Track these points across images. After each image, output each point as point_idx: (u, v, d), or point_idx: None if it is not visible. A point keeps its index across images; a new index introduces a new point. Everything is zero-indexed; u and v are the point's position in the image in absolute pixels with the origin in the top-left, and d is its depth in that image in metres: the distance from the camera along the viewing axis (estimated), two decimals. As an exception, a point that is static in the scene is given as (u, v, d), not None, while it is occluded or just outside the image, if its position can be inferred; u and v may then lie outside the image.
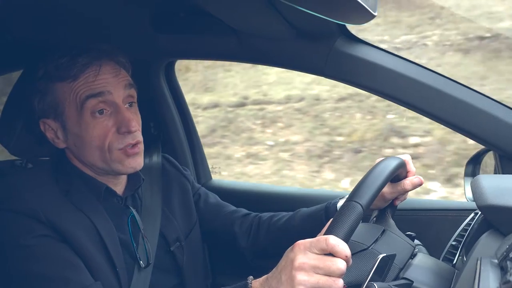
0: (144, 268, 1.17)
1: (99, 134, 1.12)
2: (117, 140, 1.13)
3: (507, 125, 1.24)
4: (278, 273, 0.86)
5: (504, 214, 0.88)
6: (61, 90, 1.13)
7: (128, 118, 1.13)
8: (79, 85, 1.11)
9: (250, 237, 1.36)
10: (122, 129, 1.13)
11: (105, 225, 1.13)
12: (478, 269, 0.69)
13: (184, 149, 1.84)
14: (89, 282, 1.03)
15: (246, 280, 0.90)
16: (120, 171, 1.16)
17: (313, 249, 0.83)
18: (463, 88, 1.30)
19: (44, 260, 1.03)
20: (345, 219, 0.86)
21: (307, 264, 0.82)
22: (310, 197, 1.74)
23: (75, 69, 1.11)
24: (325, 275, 0.81)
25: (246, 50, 1.45)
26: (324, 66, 1.36)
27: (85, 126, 1.12)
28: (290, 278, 0.83)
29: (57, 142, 1.17)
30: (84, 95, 1.11)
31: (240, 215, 1.40)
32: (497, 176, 1.25)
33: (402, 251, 1.01)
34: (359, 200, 0.89)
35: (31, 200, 1.07)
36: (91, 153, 1.14)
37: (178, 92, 1.84)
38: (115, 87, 1.14)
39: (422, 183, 1.17)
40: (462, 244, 1.14)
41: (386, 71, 1.31)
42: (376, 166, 1.00)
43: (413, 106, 1.32)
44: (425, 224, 1.48)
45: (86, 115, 1.11)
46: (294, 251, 0.85)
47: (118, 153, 1.14)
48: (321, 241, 0.83)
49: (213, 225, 1.40)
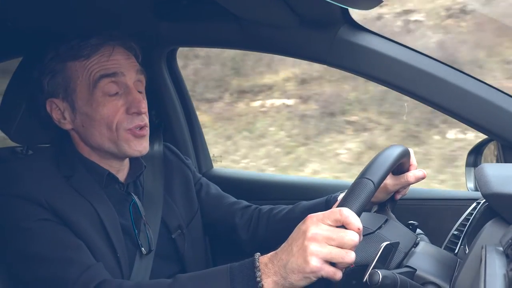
0: (146, 255, 1.17)
1: (109, 113, 1.13)
2: (126, 120, 1.14)
3: (510, 115, 1.24)
4: (289, 246, 0.86)
5: (509, 202, 0.88)
6: (73, 68, 1.14)
7: (138, 99, 1.15)
8: (93, 64, 1.13)
9: (250, 229, 1.36)
10: (132, 110, 1.14)
11: (107, 211, 1.13)
12: (484, 257, 0.68)
13: (185, 138, 1.84)
14: (92, 262, 1.03)
15: (253, 256, 0.90)
16: (126, 152, 1.16)
17: (326, 221, 0.84)
18: (467, 77, 1.30)
19: (45, 242, 1.03)
20: (357, 194, 0.88)
21: (320, 235, 0.82)
22: (311, 186, 1.74)
23: (88, 48, 1.13)
24: (337, 246, 0.82)
25: (249, 37, 1.45)
26: (327, 54, 1.36)
27: (95, 105, 1.13)
28: (302, 249, 0.83)
29: (63, 123, 1.17)
30: (98, 74, 1.13)
31: (240, 207, 1.40)
32: (501, 165, 1.25)
33: (405, 239, 1.01)
34: (371, 177, 0.91)
35: (32, 185, 1.07)
36: (99, 133, 1.14)
37: (180, 80, 1.83)
38: (127, 69, 1.16)
39: (425, 177, 1.18)
40: (464, 233, 1.14)
41: (390, 60, 1.31)
42: (385, 149, 1.02)
43: (415, 95, 1.32)
44: (427, 213, 1.48)
45: (97, 94, 1.13)
46: (307, 223, 0.85)
47: (125, 133, 1.15)
48: (335, 212, 0.84)
49: (214, 216, 1.40)
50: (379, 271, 0.80)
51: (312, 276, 0.83)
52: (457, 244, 1.14)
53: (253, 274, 0.88)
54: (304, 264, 0.82)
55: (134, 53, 1.21)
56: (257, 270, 0.87)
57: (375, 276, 0.80)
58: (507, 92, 1.29)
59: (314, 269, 0.82)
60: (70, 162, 1.16)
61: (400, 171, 1.19)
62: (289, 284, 0.85)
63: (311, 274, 0.83)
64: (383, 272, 0.80)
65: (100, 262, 1.05)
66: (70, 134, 1.19)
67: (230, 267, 0.91)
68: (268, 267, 0.87)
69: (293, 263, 0.84)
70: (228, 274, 0.90)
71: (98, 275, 1.01)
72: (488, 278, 0.59)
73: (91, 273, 1.00)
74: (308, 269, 0.82)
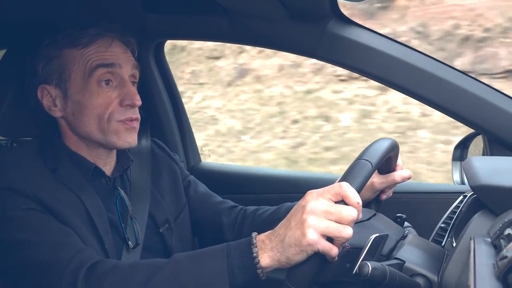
0: (133, 248, 1.16)
1: (102, 103, 1.13)
2: (118, 112, 1.14)
3: (497, 109, 1.25)
4: (287, 221, 0.87)
5: (496, 193, 0.89)
6: (70, 55, 1.14)
7: (133, 92, 1.15)
8: (91, 53, 1.13)
9: (235, 229, 1.36)
10: (125, 102, 1.14)
11: (94, 204, 1.12)
12: (473, 248, 0.69)
13: (173, 132, 1.83)
14: (83, 246, 1.02)
15: (250, 236, 0.91)
16: (115, 144, 1.16)
17: (326, 195, 0.85)
18: (454, 71, 1.31)
19: (34, 228, 1.02)
20: (356, 173, 0.90)
21: (319, 209, 0.83)
22: (299, 179, 1.74)
23: (87, 37, 1.13)
24: (335, 221, 0.83)
25: (238, 31, 1.44)
26: (316, 48, 1.35)
27: (89, 94, 1.12)
28: (300, 222, 0.84)
29: (54, 110, 1.16)
30: (95, 63, 1.12)
31: (227, 206, 1.40)
32: (488, 158, 1.26)
33: (394, 231, 1.02)
34: (369, 159, 0.93)
35: (18, 177, 1.05)
36: (89, 122, 1.13)
37: (168, 73, 1.82)
38: (124, 62, 1.17)
39: (411, 177, 1.21)
40: (451, 226, 1.16)
41: (378, 54, 1.31)
42: (377, 140, 1.04)
43: (403, 88, 1.33)
44: (415, 206, 1.50)
45: (92, 83, 1.12)
46: (306, 198, 0.86)
47: (116, 124, 1.14)
48: (335, 186, 0.85)
49: (201, 214, 1.40)
50: (368, 263, 0.81)
51: (308, 249, 0.83)
52: (444, 236, 1.15)
53: (250, 250, 0.88)
54: (302, 237, 0.83)
55: (131, 48, 1.22)
56: (254, 247, 0.88)
57: (365, 268, 0.81)
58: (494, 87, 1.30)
59: (311, 242, 0.82)
60: (56, 155, 1.15)
61: (387, 169, 1.21)
62: (285, 258, 0.85)
63: (308, 247, 0.83)
64: (372, 264, 0.81)
65: (90, 247, 1.04)
66: (59, 122, 1.18)
67: (227, 245, 0.91)
68: (265, 244, 0.88)
69: (290, 237, 0.84)
70: (225, 252, 0.90)
71: (92, 257, 1.00)
72: (477, 268, 0.60)
73: (84, 255, 0.99)
74: (305, 241, 0.83)
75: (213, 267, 0.89)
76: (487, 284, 0.54)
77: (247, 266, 0.88)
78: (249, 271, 0.88)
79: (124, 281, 0.93)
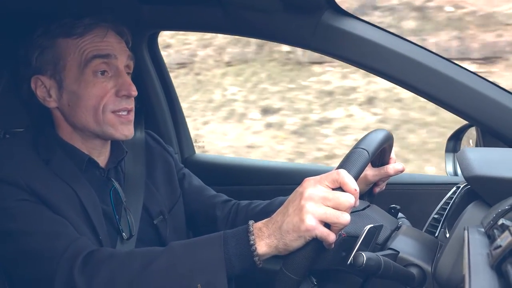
0: (127, 240, 1.16)
1: (97, 93, 1.12)
2: (113, 103, 1.14)
3: (491, 101, 1.25)
4: (285, 208, 0.87)
5: (490, 184, 0.89)
6: (64, 45, 1.13)
7: (129, 82, 1.16)
8: (86, 43, 1.13)
9: (228, 223, 1.36)
10: (121, 92, 1.14)
11: (88, 195, 1.11)
12: (467, 238, 0.70)
13: (167, 123, 1.82)
14: (78, 236, 1.02)
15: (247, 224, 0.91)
16: (112, 135, 1.15)
17: (324, 182, 0.85)
18: (449, 63, 1.31)
19: (27, 218, 1.01)
20: (353, 161, 0.91)
21: (316, 195, 0.84)
22: (294, 171, 1.75)
23: (81, 27, 1.13)
24: (333, 207, 0.83)
25: (232, 22, 1.43)
26: (311, 39, 1.35)
27: (84, 84, 1.12)
28: (298, 208, 0.84)
29: (48, 101, 1.15)
30: (90, 54, 1.12)
31: (221, 200, 1.40)
32: (482, 149, 1.27)
33: (388, 222, 1.03)
34: (365, 147, 0.94)
35: (10, 168, 1.05)
36: (84, 113, 1.13)
37: (162, 64, 1.80)
38: (119, 53, 1.17)
39: (404, 170, 1.22)
40: (444, 217, 1.16)
41: (373, 45, 1.31)
42: (372, 131, 1.05)
43: (398, 80, 1.33)
44: (408, 197, 1.51)
45: (87, 73, 1.12)
46: (304, 185, 0.87)
47: (111, 116, 1.14)
48: (332, 173, 0.86)
49: (195, 207, 1.40)
50: (363, 253, 0.81)
51: (306, 235, 0.84)
52: (437, 227, 1.16)
53: (246, 238, 0.88)
54: (300, 223, 0.83)
55: (125, 38, 1.22)
56: (251, 235, 0.88)
57: (360, 258, 0.81)
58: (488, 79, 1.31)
59: (309, 227, 0.83)
60: (49, 146, 1.14)
61: (380, 162, 1.21)
62: (283, 245, 0.85)
63: (306, 232, 0.83)
64: (367, 255, 0.82)
65: (85, 236, 1.04)
66: (53, 113, 1.17)
67: (223, 233, 0.91)
68: (262, 231, 0.88)
69: (288, 223, 0.85)
70: (221, 239, 0.90)
71: (87, 245, 1.00)
72: (472, 257, 0.60)
73: (80, 244, 0.99)
74: (303, 227, 0.83)
75: (210, 255, 0.89)
76: (482, 273, 0.55)
77: (244, 254, 0.88)
78: (246, 258, 0.88)
79: (120, 269, 0.92)
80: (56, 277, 0.94)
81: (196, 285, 0.87)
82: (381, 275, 0.83)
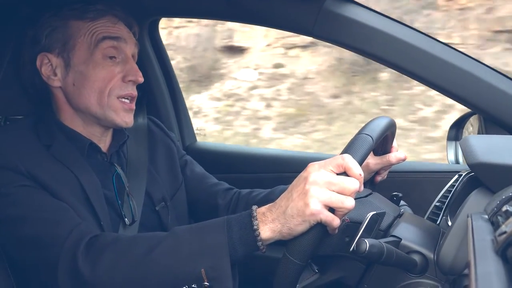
0: (129, 225, 1.16)
1: (105, 76, 1.13)
2: (119, 87, 1.15)
3: (494, 88, 1.25)
4: (289, 193, 0.87)
5: (494, 171, 0.89)
6: (75, 27, 1.14)
7: (136, 68, 1.17)
8: (98, 26, 1.15)
9: (229, 211, 1.36)
10: (128, 78, 1.15)
11: (90, 180, 1.11)
12: (471, 224, 0.70)
13: (168, 111, 1.81)
14: (79, 221, 1.02)
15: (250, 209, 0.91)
16: (113, 120, 1.16)
17: (328, 167, 0.85)
18: (451, 50, 1.30)
19: (28, 204, 1.01)
20: (357, 146, 0.90)
21: (321, 180, 0.84)
22: (295, 159, 1.74)
23: (94, 12, 1.15)
24: (338, 192, 0.83)
25: (234, 8, 1.42)
26: (313, 27, 1.34)
27: (93, 65, 1.13)
28: (303, 192, 0.84)
29: (52, 79, 1.15)
30: (101, 35, 1.14)
31: (223, 188, 1.40)
32: (485, 136, 1.27)
33: (390, 209, 1.03)
34: (369, 133, 0.93)
35: (10, 154, 1.05)
36: (89, 94, 1.13)
37: (163, 52, 1.79)
38: (129, 40, 1.19)
39: (406, 159, 1.22)
40: (446, 204, 1.16)
41: (376, 32, 1.29)
42: (375, 117, 1.04)
43: (399, 67, 1.32)
44: (410, 185, 1.51)
45: (97, 55, 1.13)
46: (308, 170, 0.87)
47: (116, 101, 1.15)
48: (337, 157, 0.86)
49: (197, 194, 1.40)
50: (366, 240, 0.81)
51: (311, 219, 0.84)
52: (439, 215, 1.16)
53: (250, 223, 0.88)
54: (304, 207, 0.83)
55: (133, 30, 1.24)
56: (254, 219, 0.88)
57: (362, 245, 0.81)
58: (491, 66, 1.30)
59: (314, 211, 0.83)
60: (50, 131, 1.14)
61: (382, 150, 1.21)
62: (287, 229, 0.85)
63: (311, 217, 0.83)
64: (370, 241, 0.82)
65: (87, 222, 1.04)
66: (55, 95, 1.17)
67: (227, 218, 0.91)
68: (266, 216, 0.88)
69: (293, 208, 0.85)
70: (225, 224, 0.90)
71: (90, 230, 0.99)
72: (476, 243, 0.60)
73: (83, 228, 0.99)
74: (308, 211, 0.83)
75: (213, 240, 0.89)
76: (487, 259, 0.54)
77: (248, 239, 0.88)
78: (250, 243, 0.88)
79: (124, 253, 0.93)
80: (59, 262, 0.94)
81: (200, 270, 0.87)
82: (384, 262, 0.84)
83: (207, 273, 0.87)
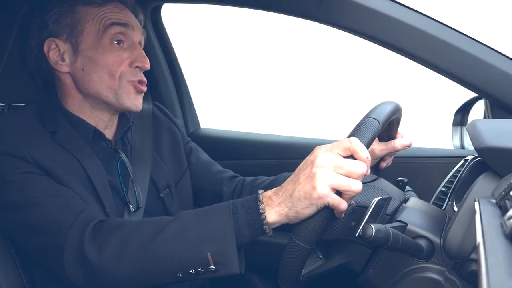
0: (134, 212, 1.16)
1: (114, 60, 1.14)
2: (129, 72, 1.15)
3: (500, 72, 1.23)
4: (295, 176, 0.87)
5: (501, 155, 0.88)
6: (83, 12, 1.14)
7: (143, 55, 1.18)
8: (106, 12, 1.15)
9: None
10: (136, 64, 1.16)
11: (94, 166, 1.11)
12: (478, 208, 0.69)
13: (171, 97, 1.81)
14: (85, 206, 1.02)
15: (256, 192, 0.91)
16: (124, 103, 1.16)
17: (335, 150, 0.85)
18: (457, 34, 1.28)
19: (33, 190, 1.01)
20: (364, 130, 0.90)
21: (328, 163, 0.83)
22: (300, 145, 1.74)
23: None
24: (345, 175, 0.83)
25: (236, -7, 1.41)
26: (317, 11, 1.32)
27: (102, 50, 1.13)
28: (310, 176, 0.84)
29: (60, 64, 1.15)
30: (109, 21, 1.14)
31: (228, 176, 1.40)
32: (493, 120, 1.26)
33: (396, 195, 1.03)
34: (376, 117, 0.93)
35: (15, 141, 1.05)
36: (99, 79, 1.13)
37: (165, 38, 1.78)
38: (135, 27, 1.19)
39: (411, 145, 1.21)
40: (452, 189, 1.16)
41: (380, 16, 1.28)
42: (383, 101, 1.04)
43: (404, 51, 1.30)
44: (415, 171, 1.50)
45: (105, 40, 1.13)
46: (315, 153, 0.86)
47: (127, 85, 1.15)
48: (344, 141, 0.85)
49: (202, 182, 1.40)
50: (372, 225, 0.81)
51: (318, 202, 0.83)
52: (444, 200, 1.16)
53: (256, 206, 0.88)
54: (311, 190, 0.83)
55: (139, 18, 1.24)
56: (260, 203, 0.88)
57: (369, 230, 0.81)
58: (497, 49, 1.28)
59: (321, 194, 0.82)
60: (55, 117, 1.14)
61: (388, 136, 1.20)
62: (294, 212, 0.85)
63: (318, 200, 0.83)
64: (376, 226, 0.81)
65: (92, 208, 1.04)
66: (62, 81, 1.17)
67: (233, 202, 0.91)
68: (272, 199, 0.88)
69: (300, 191, 0.84)
70: (231, 208, 0.90)
71: (96, 215, 1.00)
72: (485, 227, 0.60)
73: (89, 213, 0.99)
74: (315, 194, 0.82)
75: (219, 224, 0.89)
76: (496, 242, 0.54)
77: (254, 222, 0.88)
78: (256, 227, 0.88)
79: (130, 237, 0.93)
80: (65, 247, 0.95)
81: (206, 254, 0.87)
82: (390, 247, 0.83)
83: (213, 257, 0.87)
